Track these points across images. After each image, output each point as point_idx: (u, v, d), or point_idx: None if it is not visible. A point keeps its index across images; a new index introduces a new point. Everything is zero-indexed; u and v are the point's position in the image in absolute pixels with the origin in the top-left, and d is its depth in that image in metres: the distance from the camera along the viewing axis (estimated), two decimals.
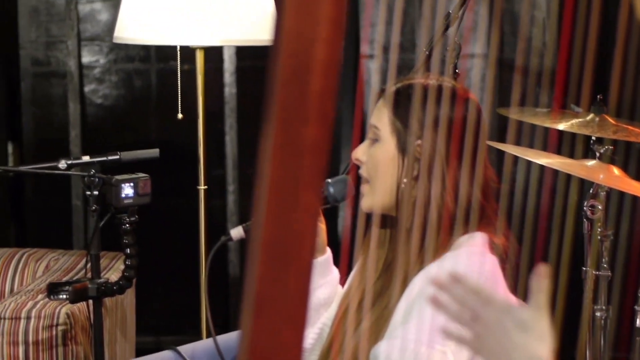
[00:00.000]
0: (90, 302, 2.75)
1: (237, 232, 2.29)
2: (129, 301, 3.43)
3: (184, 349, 2.50)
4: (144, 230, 2.81)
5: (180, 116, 3.32)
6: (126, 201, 2.68)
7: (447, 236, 2.09)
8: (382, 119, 2.16)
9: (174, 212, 4.42)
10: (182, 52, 3.32)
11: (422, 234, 2.10)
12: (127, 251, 2.72)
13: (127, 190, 2.68)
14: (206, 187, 3.34)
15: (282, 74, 1.16)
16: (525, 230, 1.76)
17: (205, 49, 3.30)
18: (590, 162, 2.86)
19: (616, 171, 2.83)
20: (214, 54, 4.36)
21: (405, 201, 2.12)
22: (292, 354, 1.20)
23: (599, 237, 2.92)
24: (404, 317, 2.03)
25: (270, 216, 1.17)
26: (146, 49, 4.49)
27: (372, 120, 2.18)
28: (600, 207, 2.90)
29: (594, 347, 2.92)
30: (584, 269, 2.93)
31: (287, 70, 1.16)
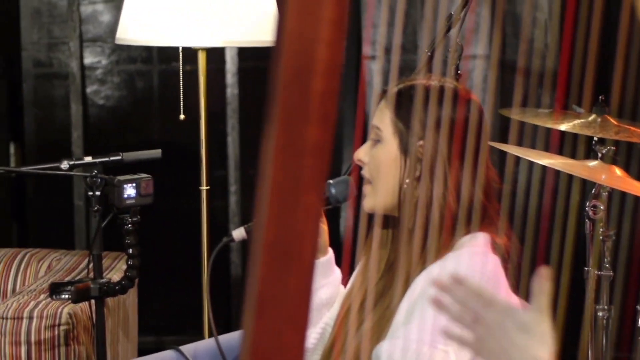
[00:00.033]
0: (92, 302, 2.76)
1: (239, 233, 2.29)
2: (131, 301, 3.43)
3: (186, 348, 2.50)
4: (146, 230, 2.81)
5: (182, 117, 3.32)
6: (128, 201, 2.68)
7: (449, 236, 2.09)
8: (384, 119, 2.16)
9: (176, 212, 4.42)
10: (184, 53, 3.32)
11: (424, 235, 2.10)
12: (130, 251, 2.73)
13: (130, 190, 2.68)
14: (208, 187, 3.34)
15: (284, 75, 1.16)
16: (527, 230, 1.76)
17: (207, 50, 3.30)
18: (592, 163, 2.87)
19: (618, 171, 2.83)
20: (216, 54, 4.36)
21: (407, 202, 2.12)
22: (294, 354, 1.20)
23: (601, 237, 2.92)
24: (406, 317, 2.03)
25: (272, 217, 1.17)
26: (148, 50, 4.49)
27: (374, 121, 2.18)
28: (602, 208, 2.90)
29: (596, 347, 2.92)
30: (586, 269, 2.93)
31: (289, 71, 1.16)
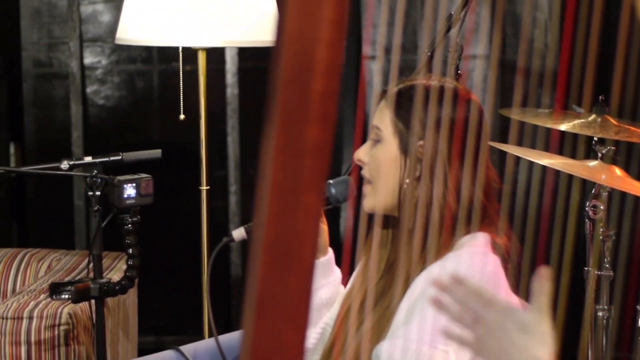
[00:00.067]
0: (92, 302, 2.76)
1: (239, 233, 2.29)
2: (131, 301, 3.43)
3: (186, 348, 2.50)
4: (146, 230, 2.81)
5: (182, 117, 3.32)
6: (128, 201, 2.68)
7: (449, 236, 2.09)
8: (384, 120, 2.16)
9: (176, 212, 4.42)
10: (184, 53, 3.32)
11: (424, 235, 2.10)
12: (130, 251, 2.73)
13: (130, 190, 2.68)
14: (208, 187, 3.34)
15: (284, 75, 1.16)
16: (527, 230, 1.76)
17: (207, 50, 3.30)
18: (592, 163, 2.87)
19: (618, 171, 2.83)
20: (216, 54, 4.36)
21: (407, 202, 2.12)
22: (294, 354, 1.20)
23: (601, 237, 2.92)
24: (406, 317, 2.03)
25: (272, 217, 1.17)
26: (148, 50, 4.49)
27: (374, 121, 2.18)
28: (602, 208, 2.90)
29: (596, 347, 2.92)
30: (586, 269, 2.93)
31: (289, 71, 1.16)
